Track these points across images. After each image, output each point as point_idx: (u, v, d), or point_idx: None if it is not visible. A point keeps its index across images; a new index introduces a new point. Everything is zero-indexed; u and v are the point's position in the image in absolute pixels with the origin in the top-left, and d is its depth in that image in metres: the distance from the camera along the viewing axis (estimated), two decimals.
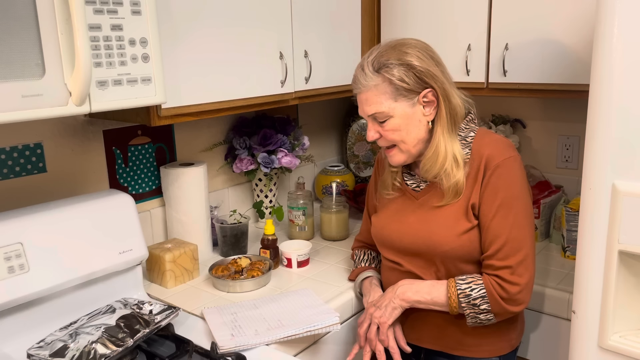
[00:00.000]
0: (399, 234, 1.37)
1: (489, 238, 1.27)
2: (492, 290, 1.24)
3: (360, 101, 1.30)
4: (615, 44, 1.12)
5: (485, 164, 1.27)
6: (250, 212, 1.99)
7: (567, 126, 2.04)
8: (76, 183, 1.55)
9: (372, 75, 1.25)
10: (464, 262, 1.31)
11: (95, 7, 1.09)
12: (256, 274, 1.55)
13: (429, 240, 1.31)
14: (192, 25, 1.39)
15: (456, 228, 1.29)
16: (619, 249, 1.18)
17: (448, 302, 1.27)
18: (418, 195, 1.37)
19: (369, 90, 1.26)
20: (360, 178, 2.41)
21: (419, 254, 1.34)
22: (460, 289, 1.26)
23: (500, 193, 1.25)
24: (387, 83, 1.24)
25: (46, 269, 1.24)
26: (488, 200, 1.26)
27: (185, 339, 1.23)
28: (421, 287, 1.32)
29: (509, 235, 1.25)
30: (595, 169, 1.19)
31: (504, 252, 1.25)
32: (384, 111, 1.26)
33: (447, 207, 1.31)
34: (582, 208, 1.24)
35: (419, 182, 1.38)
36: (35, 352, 1.13)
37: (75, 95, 1.06)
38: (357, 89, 1.29)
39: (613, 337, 1.22)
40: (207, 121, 1.88)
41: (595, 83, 1.17)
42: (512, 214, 1.25)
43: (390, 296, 1.33)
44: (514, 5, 1.72)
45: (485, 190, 1.27)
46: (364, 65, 1.27)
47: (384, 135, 1.30)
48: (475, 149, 1.30)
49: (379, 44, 1.31)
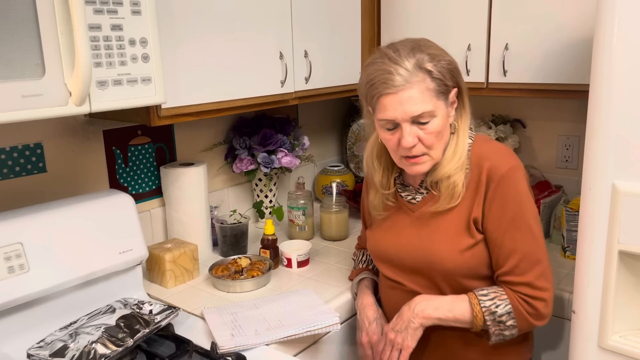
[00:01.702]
0: (395, 249, 1.30)
1: (503, 254, 1.19)
2: (520, 307, 1.18)
3: (400, 101, 1.13)
4: (615, 44, 1.12)
5: (487, 175, 1.19)
6: (250, 212, 1.99)
7: (567, 126, 2.04)
8: (76, 183, 1.55)
9: (415, 71, 1.12)
10: (468, 279, 1.24)
11: (95, 7, 1.09)
12: (256, 274, 1.54)
13: (429, 256, 1.24)
14: (192, 25, 1.39)
15: (458, 244, 1.22)
16: (619, 249, 1.18)
17: (472, 320, 1.19)
18: (414, 208, 1.29)
19: (413, 87, 1.12)
20: (360, 178, 2.40)
21: (420, 272, 1.27)
22: (485, 306, 1.18)
23: (509, 206, 1.18)
24: (430, 79, 1.13)
25: (46, 269, 1.24)
26: (496, 214, 1.19)
27: (185, 339, 1.23)
28: (441, 303, 1.22)
29: (524, 249, 1.18)
30: (595, 169, 1.19)
31: (521, 267, 1.18)
32: (431, 110, 1.14)
33: (445, 220, 1.23)
34: (582, 208, 1.24)
35: (414, 194, 1.30)
36: (35, 352, 1.13)
37: (75, 95, 1.06)
38: (393, 87, 1.12)
39: (613, 337, 1.22)
40: (207, 121, 1.87)
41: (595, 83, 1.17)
42: (524, 226, 1.19)
43: (409, 316, 1.22)
44: (514, 5, 1.72)
45: (492, 204, 1.19)
46: (398, 61, 1.12)
47: (424, 139, 1.17)
48: (475, 158, 1.22)
49: (392, 43, 1.19)
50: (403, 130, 1.16)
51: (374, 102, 1.17)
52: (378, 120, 1.18)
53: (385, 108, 1.15)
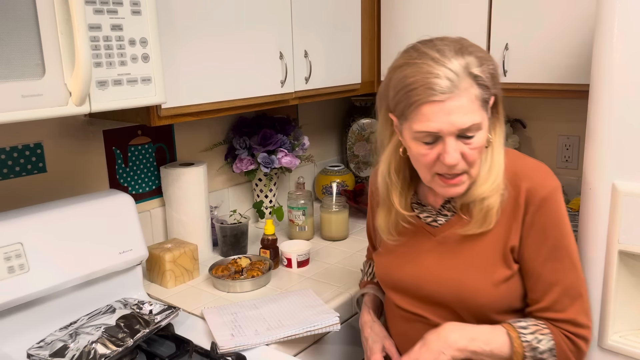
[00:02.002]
0: (415, 279, 1.14)
1: (541, 287, 1.06)
2: (563, 345, 1.05)
3: (447, 111, 0.95)
4: (615, 44, 1.12)
5: (526, 197, 1.05)
6: (250, 212, 1.99)
7: (567, 126, 2.04)
8: (76, 183, 1.55)
9: (463, 76, 0.95)
10: (500, 314, 1.10)
11: (95, 7, 1.09)
12: (256, 274, 1.54)
13: (458, 289, 1.08)
14: (192, 25, 1.39)
15: (492, 275, 1.06)
16: (619, 249, 1.18)
17: (510, 355, 1.04)
18: (436, 232, 1.13)
19: (462, 95, 0.95)
20: (360, 178, 2.41)
21: (443, 304, 1.11)
22: (526, 341, 1.03)
23: (550, 232, 1.05)
24: (476, 85, 0.97)
25: (46, 268, 1.24)
26: (535, 242, 1.05)
27: (185, 339, 1.23)
28: (476, 334, 1.06)
29: (566, 282, 1.06)
30: (595, 169, 1.19)
31: (562, 302, 1.06)
32: (479, 122, 0.98)
33: (475, 246, 1.08)
34: (582, 208, 1.24)
35: (434, 216, 1.14)
36: (35, 352, 1.13)
37: (75, 95, 1.06)
38: (440, 95, 0.94)
39: (613, 337, 1.22)
40: (207, 121, 1.87)
41: (595, 83, 1.17)
42: (565, 256, 1.06)
43: (438, 347, 1.04)
44: (514, 5, 1.72)
45: (531, 230, 1.05)
46: (445, 63, 0.95)
47: (468, 156, 1.00)
48: (510, 176, 1.06)
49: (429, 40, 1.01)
50: (447, 145, 0.98)
51: (409, 110, 0.98)
52: (415, 132, 0.99)
53: (428, 118, 0.96)
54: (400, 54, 1.03)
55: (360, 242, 1.87)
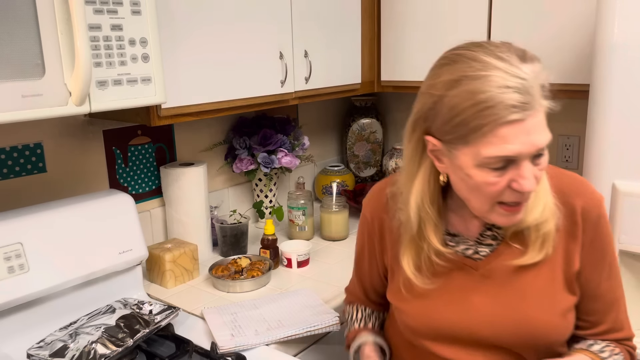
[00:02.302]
0: (464, 324, 0.97)
1: (601, 308, 0.98)
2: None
3: (528, 130, 0.81)
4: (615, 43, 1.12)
5: (582, 215, 0.95)
6: (250, 212, 1.99)
7: (567, 126, 2.04)
8: (76, 183, 1.55)
9: (537, 87, 0.83)
10: (562, 346, 1.00)
11: (95, 7, 1.09)
12: (256, 274, 1.54)
13: (523, 328, 0.94)
14: (192, 25, 1.39)
15: (558, 305, 0.95)
16: (619, 249, 1.18)
17: None
18: (479, 265, 0.97)
19: (539, 110, 0.83)
20: (360, 178, 2.41)
21: (501, 346, 0.96)
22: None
23: (607, 250, 0.97)
24: (544, 97, 0.86)
25: (46, 269, 1.24)
26: (596, 262, 0.96)
27: (185, 339, 1.23)
28: None
29: (620, 300, 1.00)
30: (595, 169, 1.20)
31: (620, 321, 1.00)
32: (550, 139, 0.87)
33: (535, 276, 0.95)
34: None
35: (473, 246, 0.99)
36: (35, 352, 1.13)
37: (75, 95, 1.06)
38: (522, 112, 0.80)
39: None
40: (207, 121, 1.87)
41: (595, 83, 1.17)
42: (616, 272, 1.00)
43: None
44: (514, 5, 1.72)
45: (591, 249, 0.96)
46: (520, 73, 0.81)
47: (537, 178, 0.87)
48: (558, 194, 0.95)
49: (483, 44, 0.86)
50: (523, 169, 0.83)
51: (478, 134, 0.82)
52: (485, 157, 0.82)
53: (505, 140, 0.80)
54: (445, 65, 0.86)
55: None
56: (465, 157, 0.85)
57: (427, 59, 0.92)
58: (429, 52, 1.92)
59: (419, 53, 1.93)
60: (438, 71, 0.87)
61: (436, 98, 0.85)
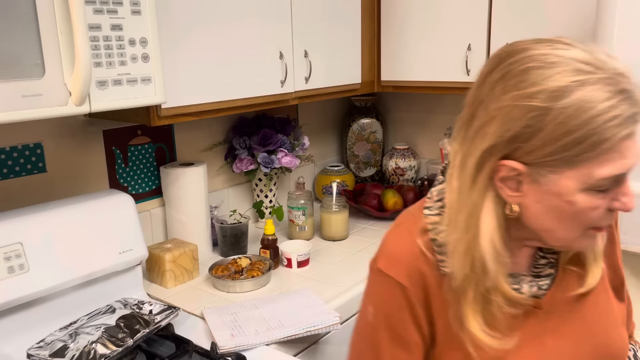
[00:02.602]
0: None
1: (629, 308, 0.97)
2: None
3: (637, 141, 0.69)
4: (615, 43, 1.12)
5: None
6: (250, 212, 1.99)
7: None
8: (76, 183, 1.55)
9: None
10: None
11: (95, 7, 1.09)
12: (256, 274, 1.54)
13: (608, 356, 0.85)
14: (192, 25, 1.39)
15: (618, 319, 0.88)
16: None
17: None
18: (541, 303, 0.83)
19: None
20: (360, 178, 2.41)
21: None
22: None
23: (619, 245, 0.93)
24: None
25: (46, 269, 1.24)
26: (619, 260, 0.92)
27: (185, 339, 1.23)
28: None
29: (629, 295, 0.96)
30: None
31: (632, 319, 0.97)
32: None
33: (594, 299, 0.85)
34: None
35: (529, 282, 0.83)
36: (35, 352, 1.13)
37: (75, 95, 1.06)
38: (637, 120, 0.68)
39: None
40: (207, 121, 1.88)
41: None
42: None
43: None
44: (514, 5, 1.72)
45: (614, 249, 0.91)
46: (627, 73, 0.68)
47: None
48: None
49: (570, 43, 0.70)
50: (627, 186, 0.72)
51: (596, 151, 0.67)
52: (599, 179, 0.69)
53: (624, 156, 0.68)
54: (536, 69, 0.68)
55: (361, 242, 1.87)
56: (569, 182, 0.70)
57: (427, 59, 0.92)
58: (429, 52, 1.93)
59: (419, 53, 1.93)
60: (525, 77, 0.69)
61: (538, 112, 0.67)
